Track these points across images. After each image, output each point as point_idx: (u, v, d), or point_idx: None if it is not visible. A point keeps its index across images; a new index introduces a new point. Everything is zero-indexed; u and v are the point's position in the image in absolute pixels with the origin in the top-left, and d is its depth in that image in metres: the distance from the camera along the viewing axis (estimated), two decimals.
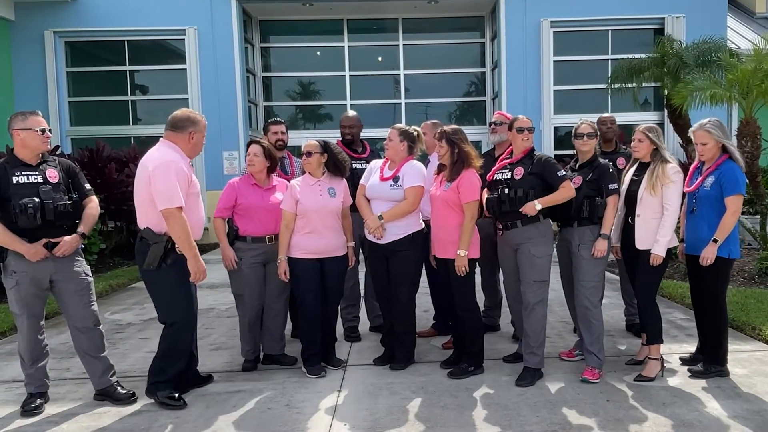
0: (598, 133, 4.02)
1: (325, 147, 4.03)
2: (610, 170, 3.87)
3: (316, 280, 4.01)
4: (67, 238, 3.47)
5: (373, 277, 4.43)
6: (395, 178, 4.04)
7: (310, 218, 3.95)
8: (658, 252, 3.74)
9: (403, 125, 4.23)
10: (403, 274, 4.07)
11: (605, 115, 4.97)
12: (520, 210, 3.76)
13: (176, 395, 3.57)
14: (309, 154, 3.99)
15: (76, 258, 3.59)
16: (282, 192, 4.16)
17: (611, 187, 3.82)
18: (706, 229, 3.77)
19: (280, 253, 4.00)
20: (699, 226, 3.82)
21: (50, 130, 3.55)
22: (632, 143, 3.93)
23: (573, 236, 3.91)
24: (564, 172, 3.84)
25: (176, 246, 3.42)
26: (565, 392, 3.68)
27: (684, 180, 3.90)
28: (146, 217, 3.43)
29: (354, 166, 4.75)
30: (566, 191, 3.76)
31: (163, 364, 3.57)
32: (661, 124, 11.41)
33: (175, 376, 3.61)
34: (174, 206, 3.31)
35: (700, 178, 3.87)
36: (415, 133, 4.18)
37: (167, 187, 3.32)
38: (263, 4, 11.83)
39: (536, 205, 3.71)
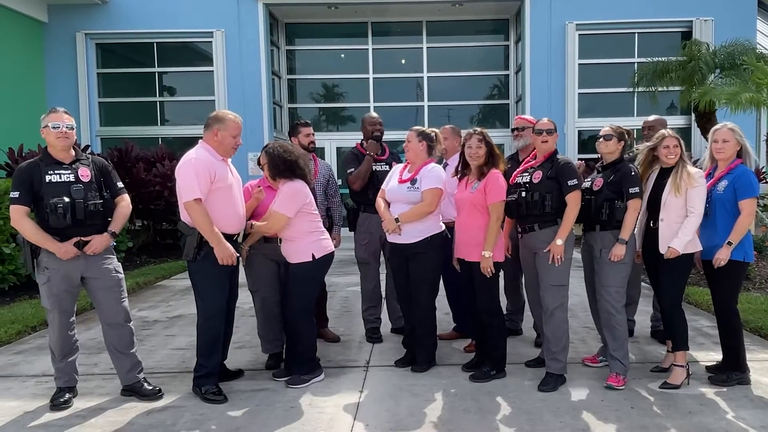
0: (624, 137, 3.88)
1: (266, 152, 3.90)
2: (633, 173, 3.79)
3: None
4: (97, 236, 3.55)
5: (394, 279, 4.45)
6: (413, 181, 4.06)
7: None
8: (676, 246, 3.68)
9: (420, 127, 4.24)
10: (422, 276, 4.08)
11: (650, 118, 4.92)
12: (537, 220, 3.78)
13: (218, 390, 3.68)
14: (263, 168, 3.98)
15: (108, 255, 3.67)
16: None
17: (632, 190, 3.74)
18: (720, 233, 3.74)
19: (247, 242, 4.00)
20: (712, 229, 3.79)
21: (69, 127, 3.52)
22: (662, 150, 3.79)
23: (595, 240, 3.88)
24: (575, 181, 3.76)
25: None
26: (588, 398, 3.65)
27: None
28: (182, 212, 3.64)
29: (374, 168, 4.80)
30: (571, 208, 3.75)
31: (200, 359, 3.70)
32: (688, 128, 11.25)
33: (215, 369, 3.74)
34: (191, 198, 3.50)
35: (711, 181, 3.84)
36: (433, 134, 4.18)
37: (186, 181, 3.52)
38: (289, 8, 11.95)
39: (557, 242, 3.74)
